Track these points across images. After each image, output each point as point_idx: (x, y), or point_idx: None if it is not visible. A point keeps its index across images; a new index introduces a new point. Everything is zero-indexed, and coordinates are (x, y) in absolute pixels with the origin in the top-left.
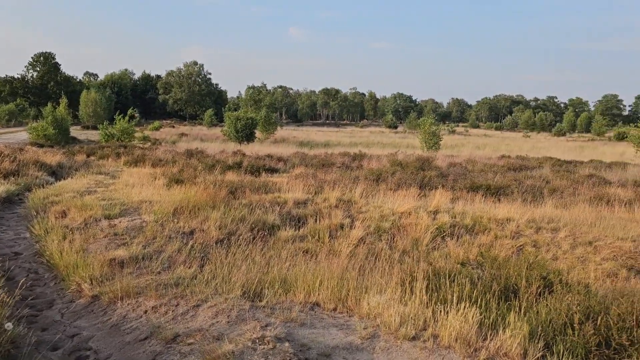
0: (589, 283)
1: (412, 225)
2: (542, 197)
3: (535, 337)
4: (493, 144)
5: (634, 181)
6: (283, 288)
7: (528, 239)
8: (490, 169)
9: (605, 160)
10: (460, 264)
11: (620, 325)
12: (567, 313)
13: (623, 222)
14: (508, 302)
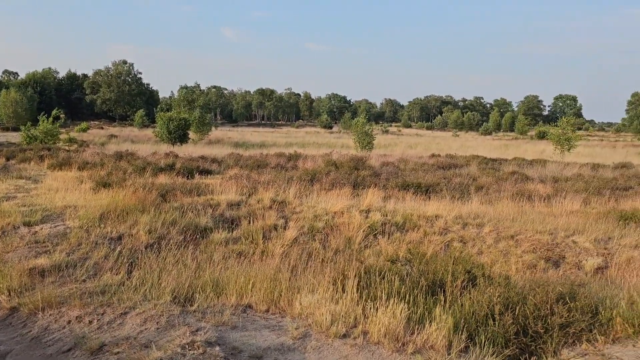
0: (509, 275)
1: (345, 225)
2: (469, 194)
3: (460, 329)
4: (424, 143)
5: (553, 177)
6: (215, 291)
7: (455, 234)
8: (421, 168)
9: (527, 157)
10: (390, 261)
11: (536, 314)
12: (488, 305)
13: (542, 216)
14: (435, 296)
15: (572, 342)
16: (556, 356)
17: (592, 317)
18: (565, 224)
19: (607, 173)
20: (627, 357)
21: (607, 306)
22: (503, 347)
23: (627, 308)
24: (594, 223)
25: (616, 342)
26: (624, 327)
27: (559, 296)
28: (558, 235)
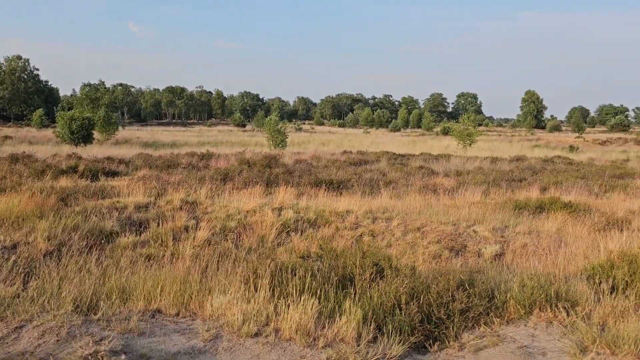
0: (416, 266)
1: (258, 223)
2: (379, 189)
3: (368, 320)
4: (337, 141)
5: (456, 171)
6: (121, 298)
7: (366, 228)
8: (333, 165)
9: (433, 152)
10: (302, 257)
11: (439, 302)
12: (395, 295)
13: (446, 208)
14: (345, 290)
15: (472, 326)
16: (457, 340)
17: (489, 301)
18: (467, 214)
19: (504, 166)
20: (519, 336)
21: (502, 290)
22: (409, 335)
23: (518, 291)
24: (492, 213)
25: (510, 322)
26: (516, 308)
27: (460, 283)
28: (460, 225)
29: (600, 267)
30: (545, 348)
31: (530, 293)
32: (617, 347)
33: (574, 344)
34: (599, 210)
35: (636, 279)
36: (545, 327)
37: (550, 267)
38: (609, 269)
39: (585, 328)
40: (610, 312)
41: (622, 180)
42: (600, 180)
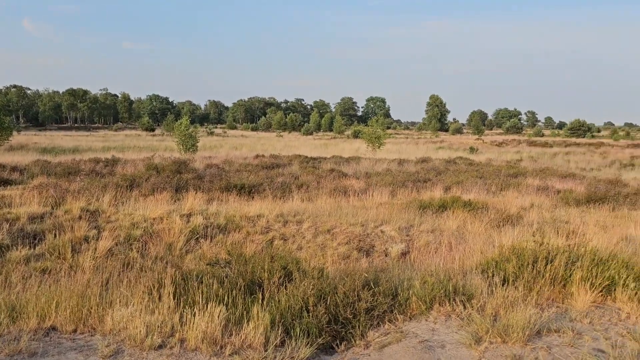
0: (325, 267)
1: (165, 230)
2: (291, 192)
3: (276, 324)
4: (249, 144)
5: (366, 173)
6: (11, 317)
7: (277, 232)
8: (245, 169)
9: (344, 155)
10: (210, 264)
11: (346, 302)
12: (303, 298)
13: (355, 210)
14: (254, 295)
15: (377, 324)
16: (363, 338)
17: (393, 299)
18: (375, 215)
19: (411, 167)
20: (420, 330)
21: (405, 288)
22: (317, 337)
23: (420, 288)
24: (399, 213)
25: (412, 318)
26: (418, 304)
27: (365, 283)
28: (369, 226)
29: (493, 261)
30: (444, 341)
31: (430, 289)
32: (507, 336)
33: (470, 335)
34: (495, 207)
35: (524, 271)
36: (444, 320)
37: (450, 263)
38: (500, 263)
39: (480, 319)
40: (501, 303)
41: (516, 179)
42: (496, 179)
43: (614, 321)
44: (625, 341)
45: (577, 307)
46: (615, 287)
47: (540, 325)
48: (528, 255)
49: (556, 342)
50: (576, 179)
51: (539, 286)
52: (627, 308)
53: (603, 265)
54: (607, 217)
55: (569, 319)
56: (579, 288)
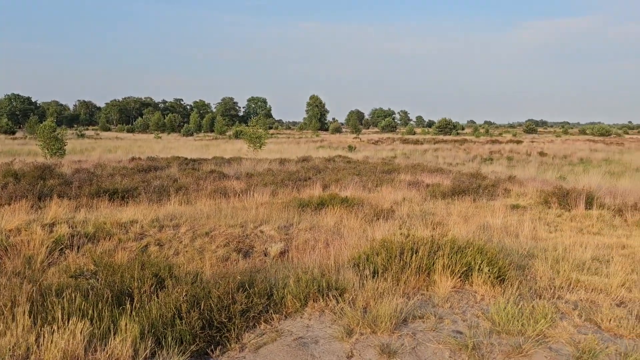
0: (201, 271)
1: (24, 243)
2: (169, 195)
3: (146, 335)
4: (125, 147)
5: (247, 173)
6: None
7: (152, 238)
8: (119, 172)
9: (226, 156)
10: (72, 276)
11: (220, 305)
12: (175, 305)
13: (235, 211)
14: (122, 306)
15: (253, 325)
16: (239, 341)
17: (269, 299)
18: (255, 215)
19: (292, 166)
20: (295, 328)
21: (280, 287)
22: (190, 344)
23: (294, 285)
24: (279, 212)
25: (288, 317)
26: (293, 302)
27: (240, 285)
28: (248, 227)
29: (364, 254)
30: (318, 336)
31: (304, 286)
32: (376, 326)
33: (342, 328)
34: (370, 203)
35: (392, 263)
36: (318, 316)
37: (326, 259)
38: (371, 256)
39: (351, 312)
40: (372, 295)
41: (390, 175)
42: (372, 176)
43: (470, 304)
44: (480, 321)
45: (439, 293)
46: (472, 272)
47: (406, 313)
48: (396, 247)
49: (420, 327)
50: (443, 174)
51: (405, 276)
52: (482, 291)
53: (461, 252)
54: (469, 208)
55: (432, 305)
56: (441, 275)
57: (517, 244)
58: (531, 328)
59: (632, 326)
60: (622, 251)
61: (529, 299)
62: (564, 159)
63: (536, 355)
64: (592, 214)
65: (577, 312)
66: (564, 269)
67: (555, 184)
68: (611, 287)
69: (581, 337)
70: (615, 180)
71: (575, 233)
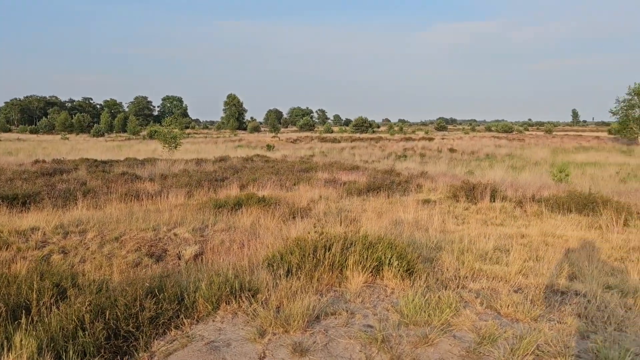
0: (106, 279)
1: None
2: (76, 200)
3: (44, 350)
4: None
5: (161, 174)
6: None
7: (56, 245)
8: (20, 176)
9: (139, 157)
10: None
11: (127, 314)
12: (77, 316)
13: (148, 214)
14: (18, 320)
15: (163, 332)
16: (148, 350)
17: (179, 304)
18: (169, 218)
19: (209, 167)
20: (207, 332)
21: (192, 290)
22: (94, 356)
23: (206, 289)
24: (194, 214)
25: (200, 321)
26: (205, 306)
27: (149, 291)
28: (161, 230)
29: (279, 253)
30: (231, 339)
31: (217, 289)
32: (289, 325)
33: (255, 329)
34: (288, 201)
35: (306, 261)
36: (231, 319)
37: (240, 260)
38: (285, 255)
39: (264, 313)
40: (285, 294)
41: (308, 174)
42: (290, 174)
43: (381, 297)
44: (389, 314)
45: (351, 289)
46: (383, 267)
47: (319, 310)
48: (309, 245)
49: (332, 324)
50: (360, 171)
51: (319, 274)
52: (392, 284)
53: (372, 248)
54: (383, 204)
55: (344, 301)
56: (353, 271)
57: (427, 237)
58: (437, 318)
59: (528, 310)
60: (521, 240)
61: (435, 290)
62: (472, 154)
63: (441, 344)
64: (495, 207)
65: (479, 300)
66: (468, 260)
67: (464, 178)
68: (510, 275)
69: (482, 324)
70: (517, 174)
71: (480, 225)
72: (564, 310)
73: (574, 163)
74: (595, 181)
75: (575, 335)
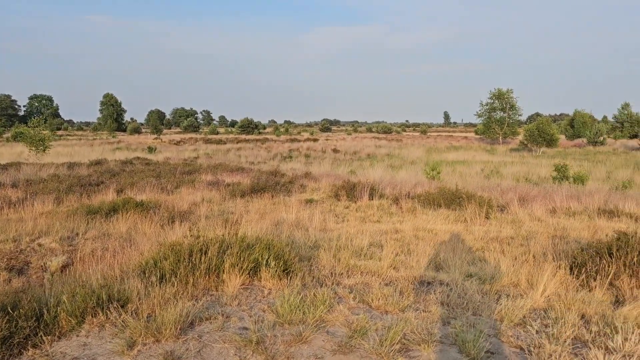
0: None
1: None
2: None
3: None
4: None
5: (27, 180)
6: None
7: None
8: None
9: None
10: None
11: None
12: None
13: (9, 223)
14: None
15: (18, 352)
16: None
17: (38, 320)
18: (33, 227)
19: (83, 171)
20: (70, 349)
21: (53, 305)
22: None
23: (69, 302)
24: (63, 222)
25: (62, 337)
26: (68, 320)
27: (1, 308)
28: (23, 240)
29: (152, 260)
30: (96, 354)
31: (81, 301)
32: (160, 334)
33: (124, 341)
34: (169, 205)
35: (181, 266)
36: (98, 332)
37: (112, 269)
38: (159, 261)
39: (134, 323)
40: (157, 302)
41: (191, 176)
42: (172, 177)
43: (258, 299)
44: (265, 315)
45: (228, 292)
46: (260, 268)
47: (193, 316)
48: (185, 249)
49: (207, 329)
50: (245, 172)
51: (194, 278)
52: (270, 285)
53: (250, 249)
54: (267, 205)
55: (220, 305)
56: (230, 274)
57: (307, 236)
58: (311, 315)
59: (397, 302)
60: (395, 235)
61: (311, 288)
62: (354, 154)
63: (315, 340)
64: (374, 204)
65: (353, 295)
66: (344, 257)
67: (346, 178)
68: (382, 269)
69: (354, 318)
70: (395, 173)
71: (359, 222)
72: (429, 299)
73: (445, 161)
74: (464, 178)
75: (438, 322)
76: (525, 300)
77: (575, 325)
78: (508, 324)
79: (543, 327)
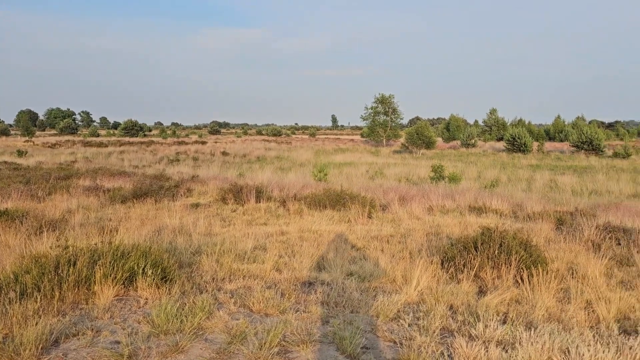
0: None
1: None
2: None
3: None
4: None
5: None
6: None
7: None
8: None
9: None
10: None
11: None
12: None
13: None
14: None
15: None
16: None
17: None
18: None
19: None
20: None
21: None
22: None
23: None
24: None
25: None
26: None
27: None
28: None
29: (13, 274)
30: None
31: None
32: (18, 356)
33: None
34: (38, 214)
35: (45, 279)
36: None
37: None
38: (20, 275)
39: None
40: (16, 320)
41: (66, 181)
42: (45, 183)
43: (133, 309)
44: (140, 326)
45: (100, 304)
46: (137, 277)
47: (58, 332)
48: (51, 261)
49: (74, 346)
50: (127, 177)
51: (61, 292)
52: (147, 294)
53: (125, 258)
54: (149, 210)
55: (90, 319)
56: (102, 285)
57: (190, 241)
58: (189, 323)
59: (278, 304)
60: (281, 237)
61: (191, 295)
62: (244, 157)
63: (192, 349)
64: (261, 207)
65: (234, 300)
66: (226, 261)
67: (234, 181)
68: (265, 272)
69: (234, 323)
70: (284, 175)
71: (245, 225)
72: (310, 299)
73: (333, 163)
74: (350, 179)
75: (318, 321)
76: (400, 296)
77: (444, 316)
78: (384, 319)
79: (415, 320)
